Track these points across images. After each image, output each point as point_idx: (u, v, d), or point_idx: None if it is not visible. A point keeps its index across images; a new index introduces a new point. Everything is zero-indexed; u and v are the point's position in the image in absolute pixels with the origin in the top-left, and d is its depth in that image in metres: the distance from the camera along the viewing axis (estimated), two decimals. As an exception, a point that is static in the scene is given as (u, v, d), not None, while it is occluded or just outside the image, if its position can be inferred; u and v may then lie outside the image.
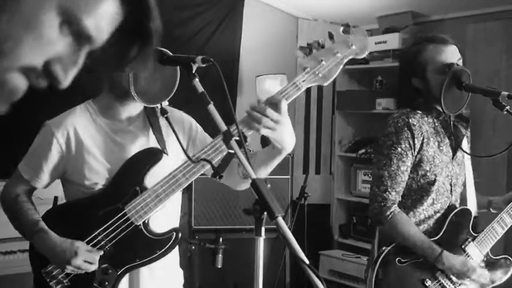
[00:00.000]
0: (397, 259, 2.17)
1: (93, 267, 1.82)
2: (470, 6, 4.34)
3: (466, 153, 2.33)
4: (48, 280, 1.87)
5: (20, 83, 0.60)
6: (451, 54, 2.22)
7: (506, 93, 2.12)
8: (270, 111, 1.69)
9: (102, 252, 1.83)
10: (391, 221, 2.15)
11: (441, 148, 2.23)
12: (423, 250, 2.16)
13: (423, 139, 2.19)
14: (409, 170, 2.19)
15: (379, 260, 2.17)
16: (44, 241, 1.85)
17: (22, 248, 3.36)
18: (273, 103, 1.71)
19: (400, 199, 2.21)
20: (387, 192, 2.17)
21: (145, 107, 1.97)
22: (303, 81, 1.78)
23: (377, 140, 2.28)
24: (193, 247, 3.63)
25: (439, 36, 2.25)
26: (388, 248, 2.18)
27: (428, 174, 2.20)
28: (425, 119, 2.24)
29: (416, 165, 2.20)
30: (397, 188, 2.18)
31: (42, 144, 1.94)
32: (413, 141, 2.18)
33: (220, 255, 3.75)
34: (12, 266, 3.28)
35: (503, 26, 4.21)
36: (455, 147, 2.29)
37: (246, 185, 1.99)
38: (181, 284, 2.11)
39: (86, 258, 1.81)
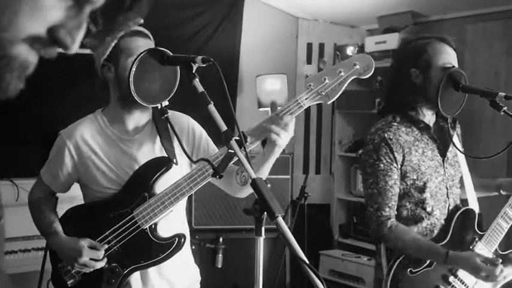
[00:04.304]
0: (408, 270, 2.15)
1: (99, 264, 1.94)
2: (470, 7, 4.34)
3: (462, 153, 2.33)
4: (62, 274, 2.00)
5: (29, 56, 0.60)
6: (454, 59, 2.22)
7: (503, 94, 2.12)
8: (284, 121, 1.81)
9: (106, 246, 1.95)
10: (391, 237, 2.15)
11: (426, 154, 2.22)
12: (430, 256, 2.15)
13: (403, 150, 2.18)
14: (397, 182, 2.19)
15: (391, 272, 2.16)
16: (55, 242, 2.01)
17: (22, 247, 3.37)
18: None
19: (395, 212, 2.20)
20: (381, 210, 2.17)
21: (153, 115, 2.06)
22: (306, 99, 1.85)
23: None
24: (193, 247, 3.63)
25: (447, 38, 2.25)
26: (400, 259, 2.17)
27: (416, 182, 2.19)
28: (403, 129, 2.22)
29: (404, 176, 2.19)
30: (389, 203, 2.17)
31: (57, 153, 2.07)
32: (393, 155, 2.17)
33: (220, 255, 3.77)
34: (12, 266, 3.29)
35: (502, 26, 4.22)
36: (444, 149, 2.28)
37: (245, 192, 2.06)
38: (198, 281, 2.20)
39: (91, 256, 1.92)
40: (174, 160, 1.98)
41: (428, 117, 2.28)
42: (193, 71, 1.60)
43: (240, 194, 2.08)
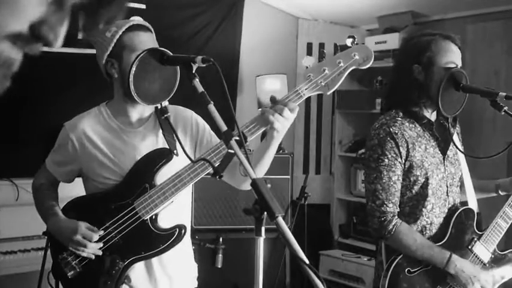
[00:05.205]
0: (406, 270, 2.15)
1: (92, 245, 1.94)
2: (470, 6, 4.34)
3: (463, 153, 2.33)
4: (62, 266, 2.00)
5: (12, 53, 0.59)
6: (458, 58, 2.22)
7: (504, 93, 2.12)
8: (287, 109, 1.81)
9: (102, 232, 1.96)
10: (395, 235, 2.13)
11: (428, 151, 2.21)
12: (432, 258, 2.14)
13: (407, 145, 2.17)
14: (400, 178, 2.18)
15: (390, 271, 2.15)
16: (54, 223, 2.04)
17: (22, 248, 3.37)
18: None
19: (398, 209, 2.19)
20: (384, 206, 2.15)
21: (155, 109, 2.05)
22: (306, 89, 1.85)
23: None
24: (193, 247, 3.64)
25: (453, 36, 2.24)
26: (397, 259, 2.16)
27: (419, 178, 2.18)
28: (406, 124, 2.21)
29: (407, 171, 2.18)
30: (392, 199, 2.16)
31: (61, 143, 2.12)
32: (399, 150, 2.16)
33: (220, 255, 3.77)
34: (12, 266, 3.29)
35: (503, 26, 4.22)
36: (445, 147, 2.27)
37: (249, 184, 2.04)
38: (195, 277, 2.21)
39: (85, 234, 1.93)
40: (175, 151, 1.99)
41: (430, 114, 2.27)
42: (193, 71, 1.61)
43: (244, 185, 2.07)
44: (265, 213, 1.32)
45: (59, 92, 3.86)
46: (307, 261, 1.26)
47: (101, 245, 1.95)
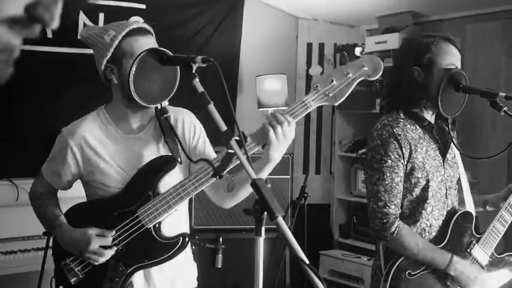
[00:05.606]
0: (407, 272, 2.13)
1: (108, 252, 1.91)
2: (470, 6, 4.34)
3: (464, 154, 2.32)
4: (65, 272, 1.98)
5: (10, 39, 0.60)
6: (458, 61, 2.22)
7: (504, 94, 2.12)
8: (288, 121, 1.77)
9: (113, 232, 1.93)
10: (397, 237, 2.12)
11: (429, 153, 2.21)
12: (433, 260, 2.13)
13: (410, 147, 2.16)
14: (402, 180, 2.16)
15: (390, 275, 2.13)
16: (62, 236, 1.98)
17: (22, 248, 3.37)
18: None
19: (400, 211, 2.18)
20: (387, 207, 2.14)
21: (155, 109, 2.01)
22: (313, 100, 1.82)
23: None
24: (193, 247, 3.65)
25: (453, 38, 2.24)
26: (398, 262, 2.14)
27: (421, 180, 2.17)
28: (408, 126, 2.21)
29: (409, 173, 2.17)
30: (395, 200, 2.15)
31: (59, 151, 2.04)
32: (402, 151, 2.15)
33: (220, 255, 3.77)
34: (12, 266, 3.28)
35: (502, 26, 4.21)
36: (444, 150, 2.27)
37: (231, 202, 2.05)
38: (195, 277, 2.20)
39: (100, 243, 1.90)
40: (179, 159, 1.96)
41: (430, 116, 2.27)
42: (193, 71, 1.61)
43: (227, 203, 2.06)
44: (265, 213, 1.32)
45: (59, 91, 3.86)
46: (307, 261, 1.26)
47: (114, 248, 1.93)
